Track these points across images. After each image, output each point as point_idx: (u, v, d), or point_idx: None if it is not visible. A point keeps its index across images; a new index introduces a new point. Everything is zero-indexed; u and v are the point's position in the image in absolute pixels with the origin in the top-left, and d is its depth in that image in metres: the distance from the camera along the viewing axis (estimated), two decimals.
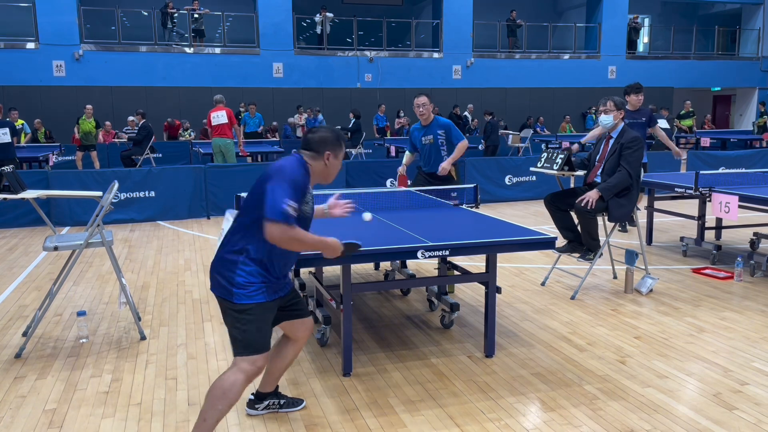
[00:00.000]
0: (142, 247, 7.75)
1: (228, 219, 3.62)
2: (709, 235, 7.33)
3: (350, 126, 15.83)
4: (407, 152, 6.51)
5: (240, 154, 12.16)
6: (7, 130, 9.66)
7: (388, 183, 6.13)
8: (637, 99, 7.78)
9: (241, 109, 18.09)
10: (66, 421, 3.41)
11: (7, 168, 4.77)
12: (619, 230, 8.32)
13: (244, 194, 5.70)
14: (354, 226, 4.54)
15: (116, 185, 4.56)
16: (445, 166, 5.91)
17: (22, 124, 14.46)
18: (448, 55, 21.16)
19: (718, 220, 7.28)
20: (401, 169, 6.40)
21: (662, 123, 12.47)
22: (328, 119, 19.03)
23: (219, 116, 11.26)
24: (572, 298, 5.48)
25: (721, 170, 10.05)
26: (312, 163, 3.02)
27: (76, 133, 14.22)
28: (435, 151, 6.03)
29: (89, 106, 14.13)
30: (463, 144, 5.94)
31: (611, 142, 5.45)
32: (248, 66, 19.35)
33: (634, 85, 7.89)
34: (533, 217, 9.52)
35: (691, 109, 19.99)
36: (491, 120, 16.20)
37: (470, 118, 19.58)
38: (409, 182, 6.40)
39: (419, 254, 3.72)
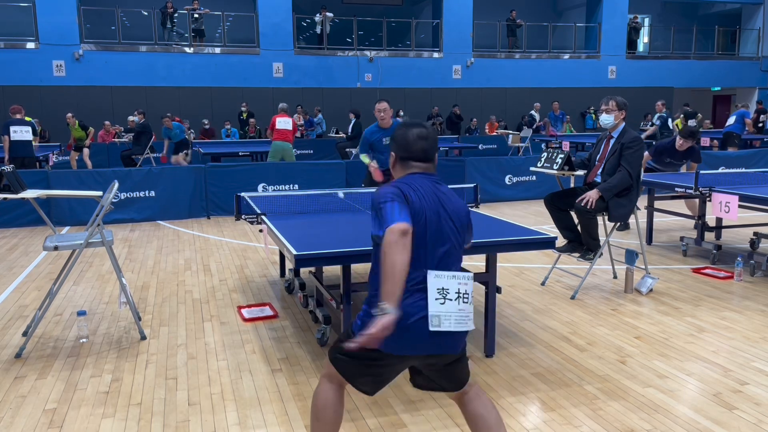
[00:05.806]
0: (142, 247, 7.75)
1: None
2: (709, 235, 7.33)
3: (351, 126, 15.82)
4: (363, 154, 6.81)
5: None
6: (29, 128, 9.86)
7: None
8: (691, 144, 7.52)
9: (243, 109, 18.17)
10: (66, 421, 3.41)
11: (7, 168, 4.77)
12: (618, 230, 8.31)
13: (244, 194, 5.71)
14: (353, 224, 4.54)
15: (116, 185, 4.56)
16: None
17: (31, 121, 14.58)
18: (448, 55, 21.15)
19: (718, 220, 7.29)
20: (374, 164, 6.65)
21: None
22: (328, 119, 19.04)
23: (285, 122, 12.02)
24: (572, 298, 5.48)
25: (721, 170, 10.05)
26: None
27: (72, 140, 14.43)
28: None
29: (69, 114, 14.28)
30: None
31: (612, 141, 5.45)
32: (248, 66, 19.35)
33: (692, 130, 7.54)
34: (533, 217, 9.52)
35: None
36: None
37: (537, 117, 19.19)
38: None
39: None
